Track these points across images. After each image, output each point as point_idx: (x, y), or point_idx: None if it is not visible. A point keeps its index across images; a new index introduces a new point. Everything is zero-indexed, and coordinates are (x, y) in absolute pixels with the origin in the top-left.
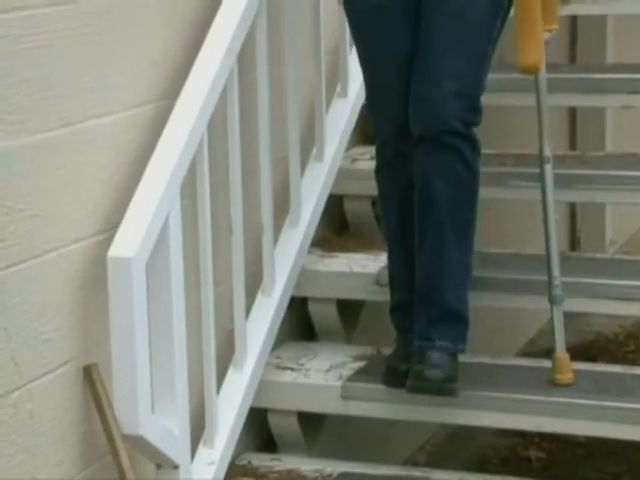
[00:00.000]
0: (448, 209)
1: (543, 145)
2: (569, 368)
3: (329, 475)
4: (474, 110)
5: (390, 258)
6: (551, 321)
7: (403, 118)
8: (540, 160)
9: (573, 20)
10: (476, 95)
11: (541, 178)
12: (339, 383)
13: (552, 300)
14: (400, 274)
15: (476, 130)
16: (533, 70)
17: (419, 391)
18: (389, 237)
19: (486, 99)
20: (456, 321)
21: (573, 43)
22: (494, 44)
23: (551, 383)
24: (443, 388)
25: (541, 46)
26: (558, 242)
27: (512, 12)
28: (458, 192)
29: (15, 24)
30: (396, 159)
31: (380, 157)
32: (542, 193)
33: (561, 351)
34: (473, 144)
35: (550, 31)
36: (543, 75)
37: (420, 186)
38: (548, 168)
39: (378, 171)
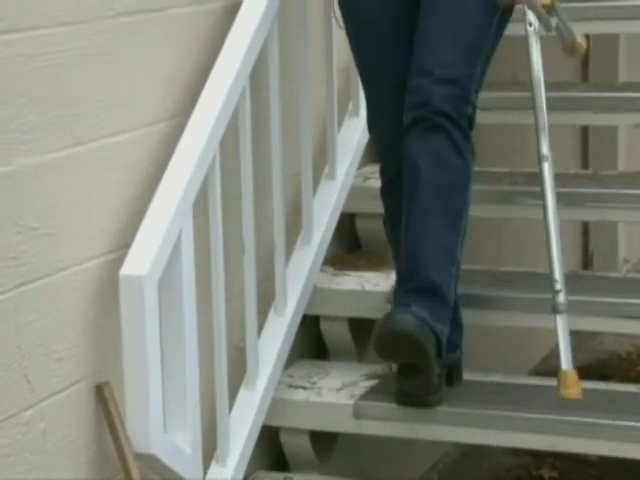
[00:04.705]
0: (435, 191)
1: (541, 144)
2: (575, 382)
3: None
4: (465, 100)
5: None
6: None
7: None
8: (538, 159)
9: (586, 39)
10: (468, 87)
11: (540, 177)
12: (351, 402)
13: (554, 308)
14: None
15: (472, 135)
16: None
17: (387, 333)
18: (397, 258)
19: (498, 117)
20: (435, 299)
21: (585, 61)
22: (492, 42)
23: (560, 399)
24: (415, 335)
25: None
26: (561, 246)
27: None
28: (446, 175)
29: (28, 43)
30: (399, 178)
31: (384, 176)
32: (542, 193)
33: (567, 365)
34: (465, 135)
35: (544, 6)
36: (538, 72)
37: (408, 168)
38: (546, 166)
39: (383, 190)
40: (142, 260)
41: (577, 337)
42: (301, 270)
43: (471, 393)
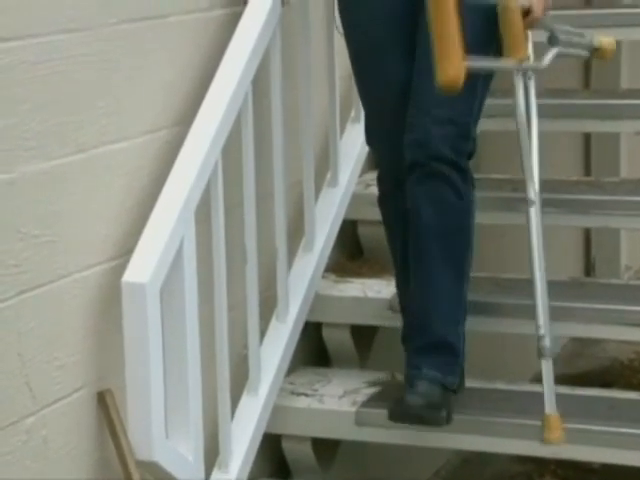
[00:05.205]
0: (438, 238)
1: (527, 188)
2: (558, 426)
3: None
4: (465, 137)
5: (399, 287)
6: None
7: (401, 149)
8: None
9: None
10: (467, 123)
11: (527, 223)
12: (353, 409)
13: (539, 352)
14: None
15: (471, 163)
16: (452, 88)
17: (399, 417)
18: (397, 266)
19: (499, 124)
20: (445, 352)
21: (587, 68)
22: (489, 75)
23: (543, 442)
24: (423, 415)
25: (459, 63)
26: (546, 288)
27: None
28: (448, 220)
29: (30, 51)
30: (396, 189)
31: (381, 188)
32: (528, 238)
33: (551, 409)
34: (464, 174)
35: (521, 61)
36: (522, 119)
37: (411, 214)
38: (533, 211)
39: (380, 201)
40: (144, 267)
41: (580, 344)
42: (303, 277)
43: (474, 400)
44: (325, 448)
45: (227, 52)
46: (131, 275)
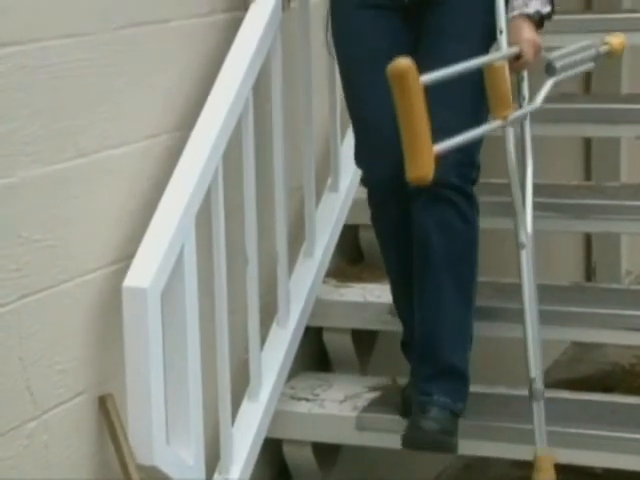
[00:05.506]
0: (445, 263)
1: (519, 231)
2: (549, 467)
3: None
4: (470, 164)
5: (395, 298)
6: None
7: (391, 164)
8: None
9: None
10: (471, 149)
11: (517, 265)
12: (354, 414)
13: (531, 395)
14: (407, 312)
15: (475, 188)
16: (422, 182)
17: (414, 443)
18: (392, 278)
19: (499, 130)
20: (454, 378)
21: (588, 73)
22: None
23: None
24: (438, 440)
25: (428, 157)
26: (538, 331)
27: None
28: (455, 246)
29: (31, 55)
30: (387, 203)
31: (372, 204)
32: (520, 280)
33: (542, 450)
34: (470, 199)
35: (504, 118)
36: (513, 167)
37: (418, 240)
38: (524, 254)
39: (373, 218)
40: (145, 272)
41: (581, 349)
42: (304, 282)
43: (475, 405)
44: (326, 453)
45: (228, 57)
46: (132, 280)
